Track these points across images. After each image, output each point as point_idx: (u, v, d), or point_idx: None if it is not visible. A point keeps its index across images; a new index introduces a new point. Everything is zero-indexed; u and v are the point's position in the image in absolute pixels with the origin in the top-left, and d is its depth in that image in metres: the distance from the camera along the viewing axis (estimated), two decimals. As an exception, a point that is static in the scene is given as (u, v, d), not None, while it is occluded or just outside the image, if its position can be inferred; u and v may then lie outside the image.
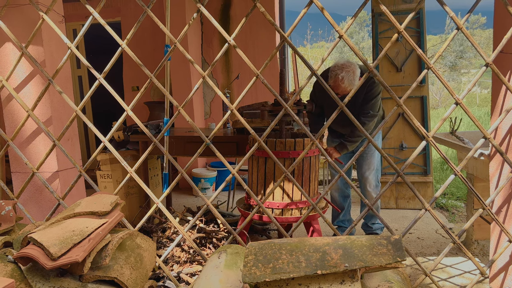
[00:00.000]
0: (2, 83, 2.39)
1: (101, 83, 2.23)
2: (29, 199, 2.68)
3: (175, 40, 2.11)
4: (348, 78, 2.77)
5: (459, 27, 1.88)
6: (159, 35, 5.51)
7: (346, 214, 3.44)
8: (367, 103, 2.91)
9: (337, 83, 2.79)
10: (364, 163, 3.21)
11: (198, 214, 2.28)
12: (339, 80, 2.78)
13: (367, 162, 3.20)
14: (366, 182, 3.23)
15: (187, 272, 2.68)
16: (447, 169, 6.10)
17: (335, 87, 2.82)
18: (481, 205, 1.97)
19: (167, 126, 2.31)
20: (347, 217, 3.45)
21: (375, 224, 3.38)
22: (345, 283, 1.22)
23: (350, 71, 2.77)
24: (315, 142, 2.08)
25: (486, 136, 1.94)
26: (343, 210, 3.40)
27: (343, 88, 2.80)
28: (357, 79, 2.81)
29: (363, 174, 3.23)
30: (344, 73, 2.76)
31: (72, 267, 1.50)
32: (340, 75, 2.76)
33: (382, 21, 4.37)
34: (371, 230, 3.38)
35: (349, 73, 2.77)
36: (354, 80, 2.79)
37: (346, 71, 2.77)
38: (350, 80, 2.77)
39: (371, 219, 3.39)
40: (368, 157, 3.19)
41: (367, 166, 3.20)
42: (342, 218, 3.43)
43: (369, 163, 3.19)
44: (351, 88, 2.78)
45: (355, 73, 2.80)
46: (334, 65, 2.85)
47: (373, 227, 3.38)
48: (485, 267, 2.02)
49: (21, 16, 2.51)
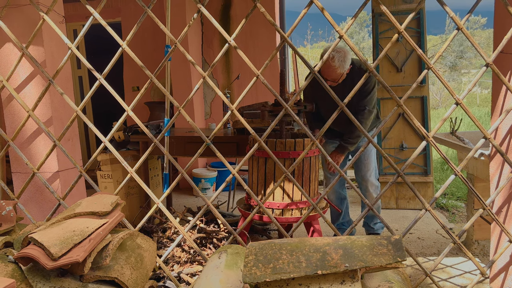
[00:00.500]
0: (3, 84, 2.39)
1: (101, 83, 2.23)
2: (30, 199, 2.68)
3: (175, 40, 2.11)
4: (339, 58, 2.72)
5: (459, 27, 1.88)
6: (160, 36, 5.51)
7: (345, 216, 3.42)
8: (363, 99, 2.89)
9: (327, 63, 2.73)
10: (362, 164, 3.19)
11: (199, 214, 2.28)
12: (329, 59, 2.71)
13: (365, 164, 3.18)
14: (368, 184, 3.22)
15: (188, 272, 2.68)
16: (447, 169, 6.10)
17: (325, 69, 2.77)
18: (481, 205, 1.97)
19: (167, 127, 2.31)
20: (346, 218, 3.44)
21: (376, 224, 3.37)
22: (346, 283, 1.22)
23: (341, 52, 2.74)
24: (315, 142, 2.08)
25: (486, 136, 1.94)
26: (341, 213, 3.39)
27: (333, 69, 2.75)
28: (348, 63, 2.79)
29: (364, 176, 3.21)
30: (335, 53, 2.72)
31: (72, 267, 1.50)
32: (331, 54, 2.70)
33: (383, 21, 4.37)
34: (372, 231, 3.37)
35: (340, 54, 2.73)
36: (344, 63, 2.76)
37: (337, 51, 2.73)
38: (340, 61, 2.73)
39: (373, 219, 3.38)
40: (366, 158, 3.18)
41: (366, 168, 3.19)
42: (341, 220, 3.41)
43: (367, 164, 3.18)
44: (341, 71, 2.77)
45: (346, 56, 2.77)
46: (326, 47, 2.82)
47: (374, 228, 3.36)
48: (485, 267, 2.02)
49: (22, 17, 2.52)
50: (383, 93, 4.41)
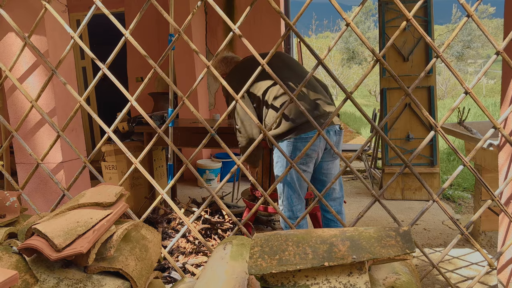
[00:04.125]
0: (6, 74, 2.37)
1: (104, 73, 2.21)
2: (34, 190, 2.67)
3: (179, 29, 2.08)
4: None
5: (470, 14, 1.83)
6: (163, 25, 5.47)
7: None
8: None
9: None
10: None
11: (203, 205, 2.26)
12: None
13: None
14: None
15: (193, 263, 2.68)
16: (453, 159, 6.05)
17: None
18: (489, 196, 1.94)
19: (171, 117, 2.28)
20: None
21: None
22: (353, 275, 1.20)
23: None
24: (321, 132, 2.05)
25: (496, 126, 1.90)
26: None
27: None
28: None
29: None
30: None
31: (76, 258, 1.49)
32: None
33: (389, 9, 4.31)
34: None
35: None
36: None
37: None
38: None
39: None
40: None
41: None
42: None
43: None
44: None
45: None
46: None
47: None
48: (493, 258, 2.00)
49: (24, 5, 2.49)
50: (390, 83, 4.36)
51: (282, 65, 2.56)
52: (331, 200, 2.63)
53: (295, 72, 2.57)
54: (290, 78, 2.49)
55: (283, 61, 2.61)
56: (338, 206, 2.64)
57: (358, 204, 4.30)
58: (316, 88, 2.58)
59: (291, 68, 2.59)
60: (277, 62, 2.53)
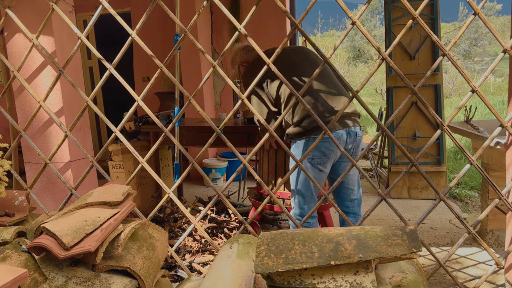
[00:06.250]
0: (14, 74, 2.39)
1: (111, 73, 2.22)
2: (42, 189, 2.70)
3: (185, 29, 2.09)
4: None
5: (476, 12, 1.82)
6: (169, 25, 5.49)
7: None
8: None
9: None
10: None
11: (209, 204, 2.27)
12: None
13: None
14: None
15: (199, 262, 2.69)
16: (460, 158, 6.02)
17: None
18: (496, 194, 1.93)
19: (177, 116, 2.30)
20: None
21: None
22: (359, 274, 1.20)
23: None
24: (326, 131, 2.05)
25: (503, 124, 1.89)
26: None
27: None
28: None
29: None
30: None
31: (85, 257, 1.50)
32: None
33: (395, 8, 4.29)
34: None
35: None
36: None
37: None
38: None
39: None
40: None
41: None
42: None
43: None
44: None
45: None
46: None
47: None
48: (500, 257, 1.99)
49: (31, 6, 2.51)
50: (396, 82, 4.35)
51: (304, 63, 2.55)
52: (348, 201, 2.60)
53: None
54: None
55: (305, 59, 2.58)
56: (356, 207, 2.61)
57: (364, 203, 4.26)
58: (338, 87, 2.52)
59: (314, 65, 2.54)
60: (300, 59, 2.55)
